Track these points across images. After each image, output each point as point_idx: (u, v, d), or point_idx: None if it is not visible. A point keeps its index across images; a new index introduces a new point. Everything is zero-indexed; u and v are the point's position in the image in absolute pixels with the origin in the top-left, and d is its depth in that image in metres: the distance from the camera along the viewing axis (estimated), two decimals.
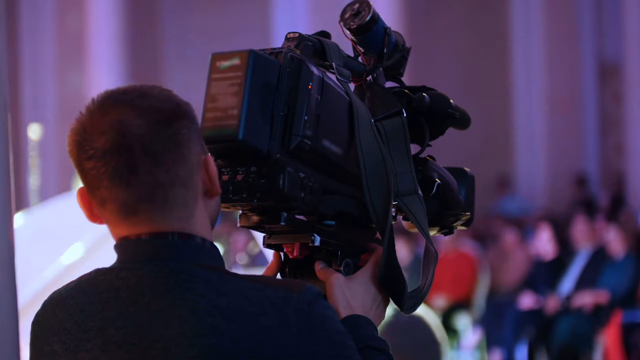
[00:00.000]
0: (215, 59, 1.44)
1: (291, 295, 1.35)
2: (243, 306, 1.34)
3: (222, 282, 1.36)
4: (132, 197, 1.38)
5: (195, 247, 1.41)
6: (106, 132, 1.37)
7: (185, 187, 1.41)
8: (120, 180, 1.37)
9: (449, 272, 8.43)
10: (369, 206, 1.52)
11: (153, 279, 1.38)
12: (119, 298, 1.39)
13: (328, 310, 1.39)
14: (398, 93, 1.66)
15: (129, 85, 1.45)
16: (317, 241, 1.53)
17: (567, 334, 7.27)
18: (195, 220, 1.42)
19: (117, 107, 1.39)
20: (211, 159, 1.43)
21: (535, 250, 8.28)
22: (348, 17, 1.60)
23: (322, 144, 1.48)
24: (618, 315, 7.14)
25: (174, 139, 1.39)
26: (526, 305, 7.84)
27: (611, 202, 10.58)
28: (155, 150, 1.37)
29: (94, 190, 1.40)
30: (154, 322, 1.35)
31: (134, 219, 1.40)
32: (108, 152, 1.37)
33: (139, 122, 1.37)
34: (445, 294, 8.38)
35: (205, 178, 1.43)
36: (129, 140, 1.36)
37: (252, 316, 1.33)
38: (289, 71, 1.45)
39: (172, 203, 1.40)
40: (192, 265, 1.38)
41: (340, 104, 1.52)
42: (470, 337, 8.35)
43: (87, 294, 1.42)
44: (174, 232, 1.40)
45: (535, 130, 12.36)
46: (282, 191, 1.43)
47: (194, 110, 1.44)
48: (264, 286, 1.36)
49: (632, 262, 7.34)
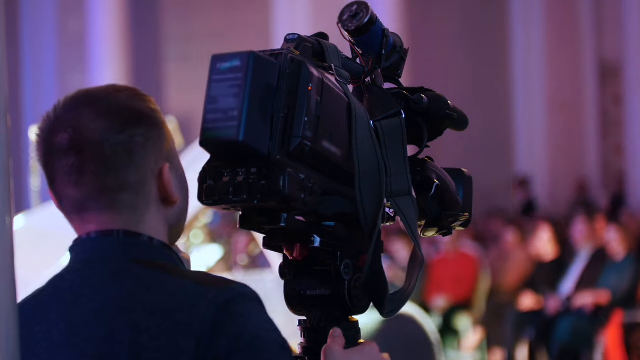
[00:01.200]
0: (216, 60, 1.45)
1: (209, 291, 1.37)
2: (163, 302, 1.36)
3: (153, 279, 1.39)
4: (80, 196, 1.44)
5: (139, 245, 1.45)
6: (63, 130, 1.43)
7: (135, 193, 1.45)
8: (69, 179, 1.43)
9: (450, 273, 8.43)
10: (360, 208, 1.52)
11: (94, 279, 1.42)
12: (63, 300, 1.43)
13: (251, 312, 1.37)
14: (396, 94, 1.67)
15: (103, 85, 1.50)
16: (316, 242, 1.53)
17: (567, 334, 7.27)
18: (145, 225, 1.46)
19: (79, 108, 1.45)
20: (167, 168, 1.47)
21: (535, 251, 8.28)
22: (346, 19, 1.61)
23: (322, 145, 1.48)
24: (618, 315, 7.15)
25: (125, 145, 1.43)
26: (527, 306, 7.84)
27: (611, 203, 10.58)
28: (105, 154, 1.43)
29: (51, 186, 1.47)
30: (91, 321, 1.38)
31: (85, 215, 1.45)
32: (62, 150, 1.43)
33: (94, 125, 1.43)
34: (446, 295, 8.38)
35: (161, 185, 1.47)
36: (82, 142, 1.42)
37: (169, 312, 1.35)
38: (289, 72, 1.45)
39: (119, 206, 1.45)
40: (131, 263, 1.41)
41: (339, 106, 1.52)
42: (470, 338, 8.35)
43: (36, 299, 1.47)
44: (119, 230, 1.44)
45: (535, 131, 12.36)
46: (283, 192, 1.43)
47: (159, 119, 1.48)
48: (191, 283, 1.38)
49: (632, 262, 7.35)
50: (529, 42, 12.42)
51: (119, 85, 1.51)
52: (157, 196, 1.47)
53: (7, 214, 1.18)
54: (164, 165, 1.47)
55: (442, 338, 8.30)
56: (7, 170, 1.14)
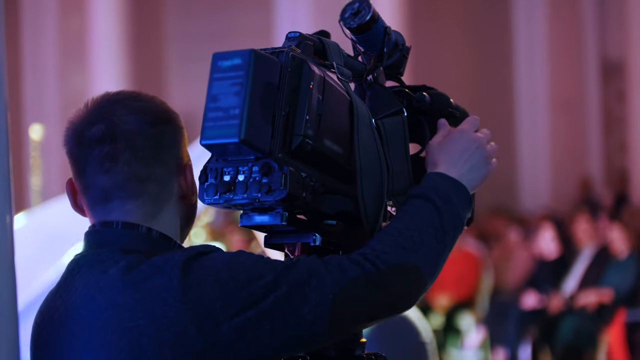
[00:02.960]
0: (217, 58, 1.45)
1: (175, 256, 1.43)
2: (135, 277, 1.42)
3: (133, 260, 1.44)
4: (110, 185, 1.51)
5: (134, 236, 1.51)
6: (97, 123, 1.51)
7: (160, 185, 1.53)
8: (101, 167, 1.50)
9: (453, 272, 8.42)
10: (361, 207, 1.52)
11: (86, 266, 1.49)
12: (62, 287, 1.51)
13: (212, 260, 1.42)
14: (398, 92, 1.66)
15: (128, 90, 1.60)
16: (318, 241, 1.53)
17: (570, 333, 7.26)
18: (160, 218, 1.53)
19: (110, 104, 1.53)
20: (191, 167, 1.55)
21: (538, 250, 8.27)
22: (348, 17, 1.60)
23: (323, 144, 1.48)
24: (622, 314, 7.13)
25: (156, 139, 1.52)
26: (530, 305, 7.83)
27: (614, 201, 10.56)
28: (137, 145, 1.50)
29: (79, 176, 1.53)
30: (78, 303, 1.46)
31: (109, 204, 1.52)
32: (95, 140, 1.50)
33: (127, 118, 1.51)
34: (449, 293, 8.38)
35: (183, 183, 1.54)
36: (116, 133, 1.50)
37: (140, 283, 1.41)
38: (291, 70, 1.45)
39: (145, 197, 1.51)
40: (119, 251, 1.48)
41: (341, 104, 1.52)
42: (473, 337, 8.34)
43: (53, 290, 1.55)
44: (119, 222, 1.51)
45: (538, 129, 12.35)
46: (284, 191, 1.43)
47: (181, 122, 1.57)
48: (161, 257, 1.44)
49: (636, 260, 7.33)
50: (531, 41, 12.41)
51: (143, 93, 1.59)
52: (177, 193, 1.55)
53: (7, 212, 1.18)
54: (188, 163, 1.56)
55: (445, 337, 8.30)
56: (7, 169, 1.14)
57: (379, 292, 1.43)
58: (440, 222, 1.49)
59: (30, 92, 12.92)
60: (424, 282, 1.46)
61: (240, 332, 1.39)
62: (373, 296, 1.42)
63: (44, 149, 7.30)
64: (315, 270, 1.41)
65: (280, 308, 1.39)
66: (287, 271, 1.41)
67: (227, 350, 1.39)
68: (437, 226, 1.49)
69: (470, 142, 1.58)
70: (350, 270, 1.42)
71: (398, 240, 1.45)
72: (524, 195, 12.50)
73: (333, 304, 1.40)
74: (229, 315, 1.38)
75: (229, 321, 1.38)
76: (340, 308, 1.40)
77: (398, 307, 1.47)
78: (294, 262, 1.43)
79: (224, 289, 1.39)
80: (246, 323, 1.39)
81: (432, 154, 1.58)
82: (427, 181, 1.54)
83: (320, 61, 1.53)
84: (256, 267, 1.42)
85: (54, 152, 11.35)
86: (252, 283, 1.40)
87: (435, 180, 1.53)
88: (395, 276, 1.43)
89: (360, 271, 1.42)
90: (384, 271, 1.43)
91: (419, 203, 1.50)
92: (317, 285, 1.40)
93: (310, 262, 1.43)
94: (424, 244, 1.47)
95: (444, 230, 1.49)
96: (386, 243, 1.45)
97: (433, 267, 1.48)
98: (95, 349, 1.42)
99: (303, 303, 1.39)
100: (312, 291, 1.40)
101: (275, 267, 1.42)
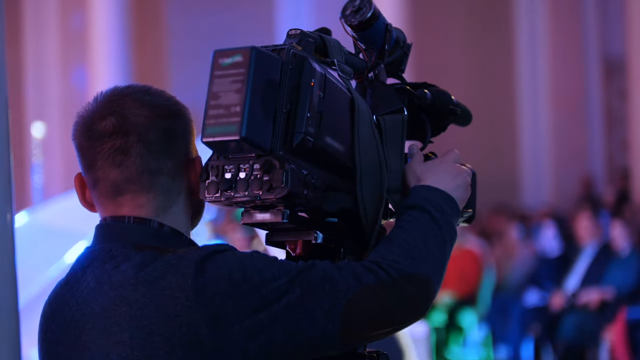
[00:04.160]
0: (217, 55, 1.44)
1: (189, 255, 1.42)
2: (149, 275, 1.41)
3: (147, 257, 1.44)
4: (121, 178, 1.49)
5: (145, 231, 1.50)
6: (107, 116, 1.49)
7: (172, 178, 1.52)
8: (113, 160, 1.49)
9: (455, 269, 8.41)
10: (360, 204, 1.52)
11: (98, 260, 1.49)
12: (72, 279, 1.50)
13: (226, 259, 1.42)
14: (399, 89, 1.66)
15: (139, 84, 1.57)
16: (319, 238, 1.52)
17: (572, 331, 7.26)
18: (172, 210, 1.52)
19: (120, 98, 1.51)
20: (200, 161, 1.52)
21: (540, 247, 8.26)
22: (349, 14, 1.60)
23: (324, 141, 1.47)
24: (624, 312, 7.13)
25: (167, 132, 1.51)
26: (532, 302, 7.83)
27: (616, 198, 10.55)
28: (149, 138, 1.49)
29: (89, 170, 1.52)
30: (90, 297, 1.46)
31: (120, 199, 1.51)
32: (106, 134, 1.49)
33: (138, 111, 1.49)
34: (451, 291, 8.37)
35: (192, 177, 1.53)
36: (127, 126, 1.49)
37: (153, 281, 1.41)
38: (291, 68, 1.44)
39: (156, 190, 1.51)
40: (131, 246, 1.47)
41: (342, 101, 1.52)
42: (475, 334, 8.34)
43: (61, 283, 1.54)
44: (130, 217, 1.51)
45: (540, 127, 12.34)
46: (285, 188, 1.42)
47: (191, 115, 1.56)
48: (173, 256, 1.43)
49: (638, 258, 7.33)
50: (533, 38, 12.40)
51: (152, 87, 1.58)
52: (188, 186, 1.54)
53: (8, 211, 1.18)
54: (198, 157, 1.54)
55: (447, 334, 8.30)
56: (8, 167, 1.13)
57: (392, 300, 1.43)
58: (439, 232, 1.50)
59: (32, 90, 12.92)
60: (433, 290, 1.47)
61: (251, 333, 1.38)
62: (386, 304, 1.43)
63: (46, 147, 7.30)
64: (329, 275, 1.41)
65: (292, 311, 1.39)
66: (301, 275, 1.41)
67: (237, 351, 1.38)
68: (437, 235, 1.49)
69: (453, 166, 1.59)
70: (365, 277, 1.42)
71: (406, 250, 1.46)
72: (525, 192, 12.50)
73: (346, 310, 1.40)
74: (240, 316, 1.38)
75: (240, 322, 1.38)
76: (353, 314, 1.40)
77: (410, 316, 1.47)
78: (308, 266, 1.43)
79: (237, 289, 1.39)
80: (258, 325, 1.38)
81: (415, 172, 1.58)
82: (417, 193, 1.54)
83: (321, 58, 1.53)
84: (270, 269, 1.41)
85: (56, 150, 11.37)
86: (266, 285, 1.40)
87: (424, 192, 1.53)
88: (408, 285, 1.44)
89: (374, 278, 1.42)
90: (397, 280, 1.43)
91: (416, 214, 1.50)
92: (331, 290, 1.40)
93: (324, 267, 1.43)
94: (429, 253, 1.47)
95: (443, 239, 1.50)
96: (396, 253, 1.45)
97: (439, 276, 1.49)
98: (106, 345, 1.42)
99: (316, 307, 1.39)
100: (326, 296, 1.40)
101: (289, 270, 1.41)
